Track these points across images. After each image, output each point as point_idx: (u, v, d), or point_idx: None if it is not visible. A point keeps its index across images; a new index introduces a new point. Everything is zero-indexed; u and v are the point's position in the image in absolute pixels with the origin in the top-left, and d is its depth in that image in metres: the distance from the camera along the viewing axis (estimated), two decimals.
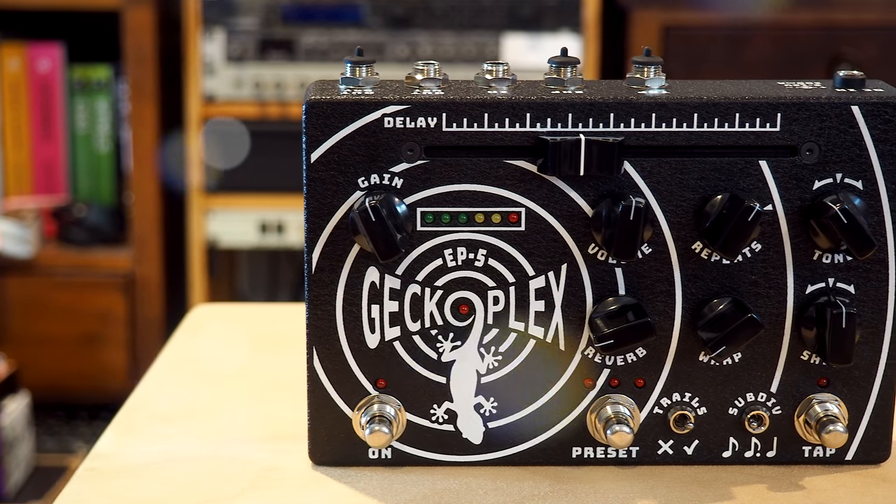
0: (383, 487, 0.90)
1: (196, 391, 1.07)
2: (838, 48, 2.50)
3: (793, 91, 0.91)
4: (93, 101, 2.61)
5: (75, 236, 2.58)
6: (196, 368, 1.13)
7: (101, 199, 2.64)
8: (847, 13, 2.49)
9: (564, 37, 2.51)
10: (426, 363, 0.92)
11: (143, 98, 2.53)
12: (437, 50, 2.52)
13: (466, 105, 0.89)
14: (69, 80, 2.61)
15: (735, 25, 2.50)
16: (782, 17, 2.49)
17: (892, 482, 0.92)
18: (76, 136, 2.62)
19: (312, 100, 0.89)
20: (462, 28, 2.53)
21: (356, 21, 2.53)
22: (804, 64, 2.50)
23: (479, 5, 2.53)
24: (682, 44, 2.52)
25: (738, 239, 0.89)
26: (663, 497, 0.90)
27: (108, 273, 2.59)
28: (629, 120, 0.89)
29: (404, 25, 2.53)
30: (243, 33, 2.52)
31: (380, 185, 0.90)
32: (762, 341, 0.92)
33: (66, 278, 2.58)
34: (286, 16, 2.54)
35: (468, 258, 0.91)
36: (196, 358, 1.16)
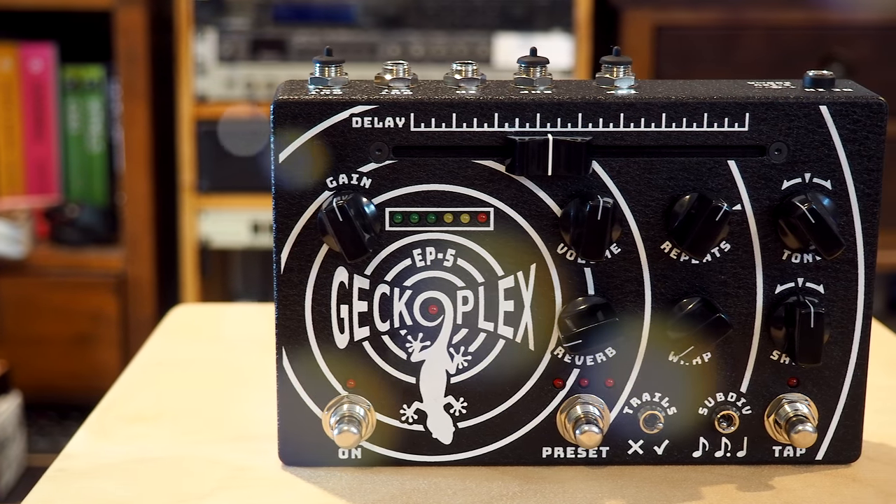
0: (352, 487, 0.90)
1: (170, 391, 1.07)
2: (830, 47, 2.50)
3: (762, 91, 0.91)
4: (85, 101, 2.62)
5: (68, 236, 2.58)
6: (171, 369, 1.13)
7: (93, 199, 2.64)
8: (838, 12, 2.49)
9: (556, 37, 2.51)
10: (395, 363, 0.92)
11: (135, 98, 2.53)
12: (428, 50, 2.52)
13: (434, 105, 0.89)
14: (61, 80, 2.61)
15: (727, 25, 2.50)
16: (774, 17, 2.49)
17: (862, 482, 0.92)
18: (68, 136, 2.63)
19: (280, 100, 0.89)
20: (454, 28, 2.53)
21: (348, 21, 2.53)
22: (796, 63, 2.50)
23: (471, 5, 2.52)
24: (674, 44, 2.52)
25: (707, 239, 0.89)
26: (632, 497, 0.89)
27: (101, 273, 2.59)
28: (597, 120, 0.89)
29: (396, 25, 2.52)
30: (235, 33, 2.52)
31: (348, 185, 0.90)
32: (732, 341, 0.92)
33: (59, 278, 2.58)
34: (278, 16, 2.53)
35: (437, 258, 0.91)
36: (172, 358, 1.16)
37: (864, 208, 0.90)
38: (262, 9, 2.53)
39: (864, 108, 0.89)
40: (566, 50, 2.51)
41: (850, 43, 2.49)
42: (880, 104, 0.90)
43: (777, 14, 2.49)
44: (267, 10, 2.53)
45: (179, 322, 1.26)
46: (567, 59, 2.51)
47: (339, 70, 0.91)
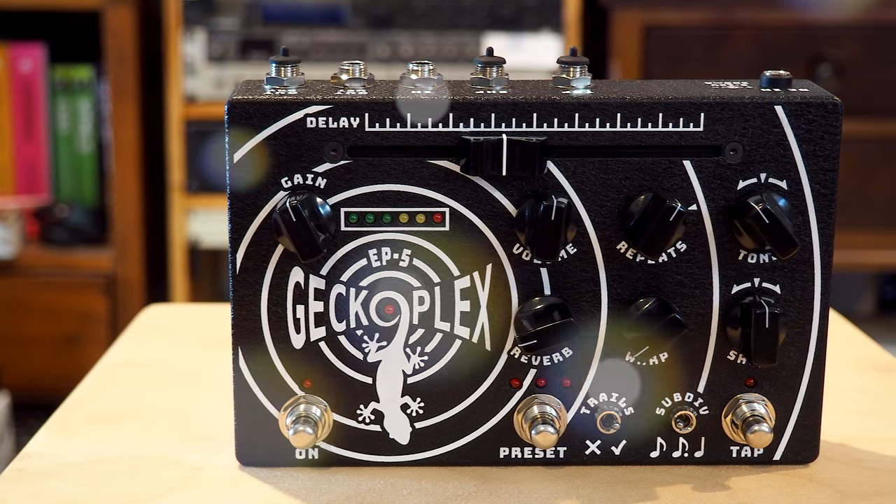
0: (307, 488, 0.90)
1: (135, 392, 1.07)
2: (819, 47, 2.49)
3: (718, 91, 0.91)
4: (75, 101, 2.62)
5: (57, 237, 2.59)
6: (138, 369, 1.13)
7: (83, 199, 2.65)
8: (827, 12, 2.49)
9: (545, 37, 2.51)
10: (352, 363, 0.92)
11: (124, 98, 2.53)
12: (418, 50, 2.52)
13: (389, 105, 0.89)
14: (51, 80, 2.61)
15: (716, 25, 2.50)
16: (763, 17, 2.49)
17: (819, 482, 0.92)
18: (58, 136, 2.63)
19: (234, 100, 0.89)
20: (443, 28, 2.53)
21: (337, 21, 2.53)
22: (784, 63, 2.50)
23: (460, 5, 2.52)
24: (662, 44, 2.52)
25: (661, 239, 0.89)
26: (587, 497, 0.89)
27: (90, 273, 2.59)
28: (552, 120, 0.89)
29: (385, 25, 2.53)
30: (224, 33, 2.52)
31: (303, 185, 0.90)
32: (689, 341, 0.92)
33: (48, 278, 2.58)
34: (267, 16, 2.54)
35: (393, 258, 0.91)
36: (140, 358, 1.16)
37: (820, 208, 0.90)
38: (252, 9, 2.53)
39: (820, 108, 0.89)
40: (555, 50, 2.50)
41: (838, 43, 2.49)
42: (835, 104, 0.89)
43: (766, 14, 2.49)
44: (256, 10, 2.53)
45: (151, 322, 1.26)
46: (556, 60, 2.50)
47: (296, 70, 0.91)
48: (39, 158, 2.63)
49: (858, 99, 2.51)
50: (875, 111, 2.52)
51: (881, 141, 2.54)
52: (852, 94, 2.50)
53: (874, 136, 2.53)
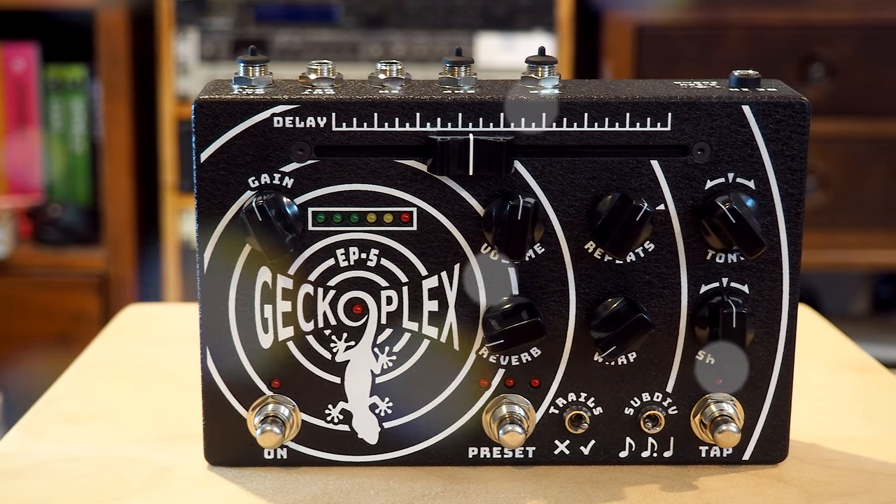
0: (275, 488, 0.90)
1: (108, 391, 1.07)
2: (811, 47, 2.49)
3: (686, 91, 0.91)
4: (68, 100, 2.62)
5: (50, 236, 2.59)
6: (113, 369, 1.13)
7: (76, 199, 2.64)
8: (820, 12, 2.48)
9: (538, 37, 2.51)
10: (320, 363, 0.92)
11: (117, 98, 2.53)
12: (410, 50, 2.52)
13: (356, 105, 0.89)
14: (44, 80, 2.61)
15: (708, 25, 2.49)
16: (755, 17, 2.48)
17: (787, 482, 0.92)
18: (51, 135, 2.63)
19: (201, 99, 0.89)
20: (435, 28, 2.53)
21: (330, 21, 2.53)
22: (777, 63, 2.50)
23: (453, 5, 2.52)
24: (655, 44, 2.52)
25: (627, 239, 0.89)
26: (554, 497, 0.89)
27: (83, 273, 2.59)
28: (519, 119, 0.89)
29: (378, 25, 2.52)
30: (216, 33, 2.52)
31: (270, 184, 0.90)
32: (657, 341, 0.92)
33: (41, 278, 2.58)
34: (259, 16, 2.53)
35: (360, 258, 0.91)
36: (115, 358, 1.16)
37: (787, 208, 0.90)
38: (244, 9, 2.53)
39: (787, 108, 0.89)
40: (548, 50, 2.50)
41: (831, 43, 2.49)
42: (802, 104, 0.89)
43: (758, 14, 2.49)
44: (249, 9, 2.53)
45: (128, 321, 1.26)
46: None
47: (263, 69, 0.91)
48: (32, 158, 2.63)
49: (851, 99, 2.51)
50: (868, 111, 2.51)
51: (874, 141, 2.53)
52: (845, 94, 2.50)
53: (867, 135, 2.52)
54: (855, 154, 2.53)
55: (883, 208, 2.55)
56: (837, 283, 2.92)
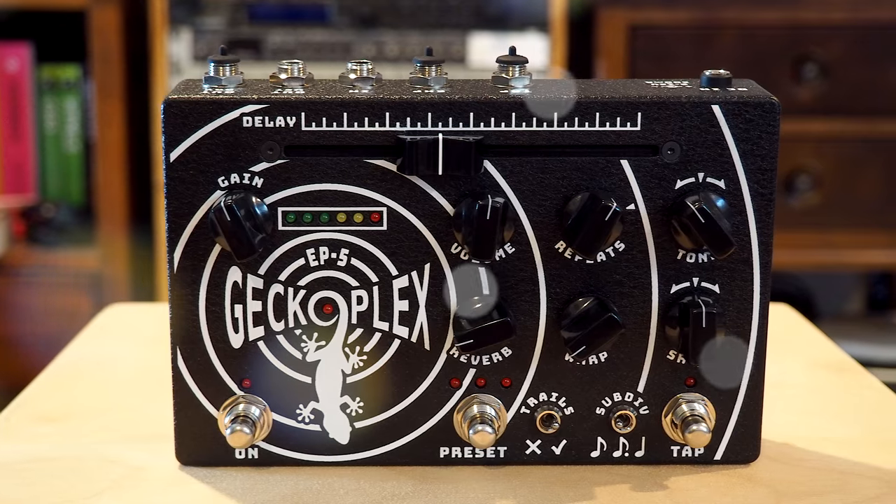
0: (245, 488, 0.90)
1: (83, 391, 1.07)
2: (805, 47, 2.49)
3: (656, 90, 0.91)
4: (61, 100, 2.62)
5: (43, 236, 2.59)
6: (90, 368, 1.13)
7: (70, 199, 2.65)
8: (814, 12, 2.48)
9: (531, 36, 2.50)
10: (291, 363, 0.92)
11: (110, 98, 2.53)
12: (403, 49, 2.52)
13: (325, 104, 0.89)
14: (38, 79, 2.61)
15: (702, 24, 2.49)
16: (749, 16, 2.48)
17: (758, 482, 0.91)
18: (45, 135, 2.63)
19: (170, 99, 0.89)
20: (429, 28, 2.53)
21: (323, 21, 2.53)
22: (771, 63, 2.49)
23: (446, 5, 2.52)
24: (648, 43, 2.52)
25: (596, 238, 0.88)
26: (523, 497, 0.89)
27: (76, 273, 2.59)
28: (489, 119, 0.89)
29: (371, 25, 2.52)
30: (210, 33, 2.52)
31: (240, 184, 0.90)
32: (628, 341, 0.92)
33: (34, 278, 2.58)
34: (253, 15, 2.54)
35: (331, 258, 0.91)
36: (92, 358, 1.16)
37: (758, 207, 0.90)
38: (237, 8, 2.53)
39: (757, 108, 0.89)
40: (541, 49, 2.50)
41: (825, 42, 2.49)
42: (773, 104, 0.89)
43: (752, 14, 2.49)
44: (242, 9, 2.53)
45: (109, 321, 1.26)
46: (542, 59, 2.50)
47: (234, 69, 0.91)
48: (26, 158, 2.64)
49: (845, 98, 2.51)
50: (861, 110, 2.51)
51: (868, 140, 2.53)
52: (838, 94, 2.50)
53: (860, 135, 2.52)
54: (849, 154, 2.53)
55: (877, 208, 2.54)
56: (832, 282, 2.92)
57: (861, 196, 2.54)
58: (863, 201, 2.55)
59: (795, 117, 2.51)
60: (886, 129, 2.52)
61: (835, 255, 2.56)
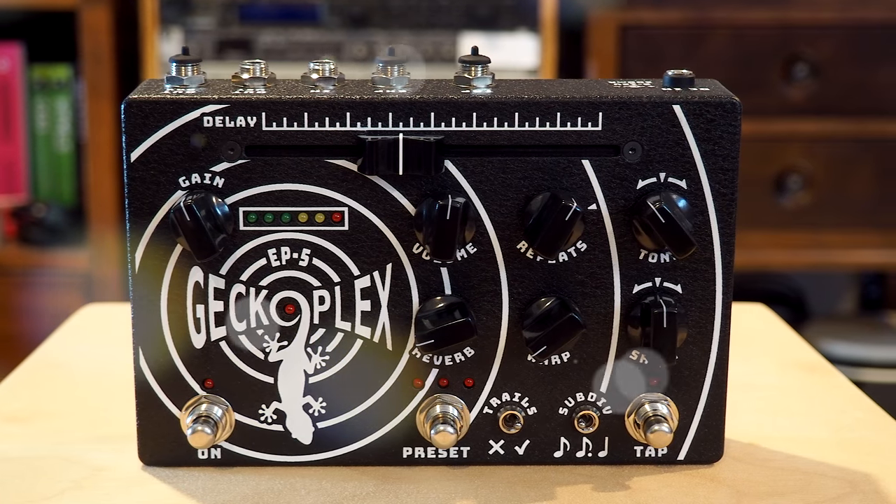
0: (206, 488, 0.90)
1: (53, 391, 1.07)
2: (796, 47, 2.49)
3: (618, 90, 0.91)
4: (53, 100, 2.62)
5: (35, 236, 2.59)
6: (62, 368, 1.13)
7: (61, 199, 2.65)
8: (804, 12, 2.48)
9: (521, 36, 2.50)
10: (253, 363, 0.92)
11: (101, 98, 2.53)
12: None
13: (285, 104, 0.89)
14: (29, 79, 2.61)
15: (693, 24, 2.49)
16: (740, 16, 2.48)
17: (720, 482, 0.91)
18: (36, 135, 2.63)
19: (130, 99, 0.89)
20: (419, 28, 2.53)
21: (313, 21, 2.53)
22: (761, 62, 2.49)
23: (437, 5, 2.52)
24: (639, 43, 2.52)
25: (556, 238, 0.88)
26: (484, 497, 0.89)
27: (67, 273, 2.59)
28: (450, 119, 0.89)
29: (362, 25, 2.52)
30: (200, 33, 2.53)
31: (201, 184, 0.90)
32: (590, 341, 0.92)
33: (26, 278, 2.59)
34: (243, 15, 2.54)
35: (292, 258, 0.91)
36: (64, 358, 1.16)
37: (720, 207, 0.90)
38: (228, 8, 2.53)
39: (718, 108, 0.89)
40: (532, 50, 2.50)
41: (815, 42, 2.48)
42: (734, 103, 0.89)
43: (742, 14, 2.48)
44: (232, 9, 2.53)
45: (83, 321, 1.26)
46: (532, 59, 2.50)
47: (196, 69, 0.91)
48: (18, 158, 2.64)
49: (835, 98, 2.50)
50: (852, 110, 2.51)
51: (859, 140, 2.53)
52: (829, 94, 2.50)
53: (851, 135, 2.52)
54: (840, 153, 2.53)
55: (868, 208, 2.54)
56: (824, 282, 2.91)
57: (852, 196, 2.54)
58: (854, 201, 2.54)
59: (786, 117, 2.50)
60: (877, 128, 2.51)
61: (826, 254, 2.56)
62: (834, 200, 2.54)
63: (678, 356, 0.92)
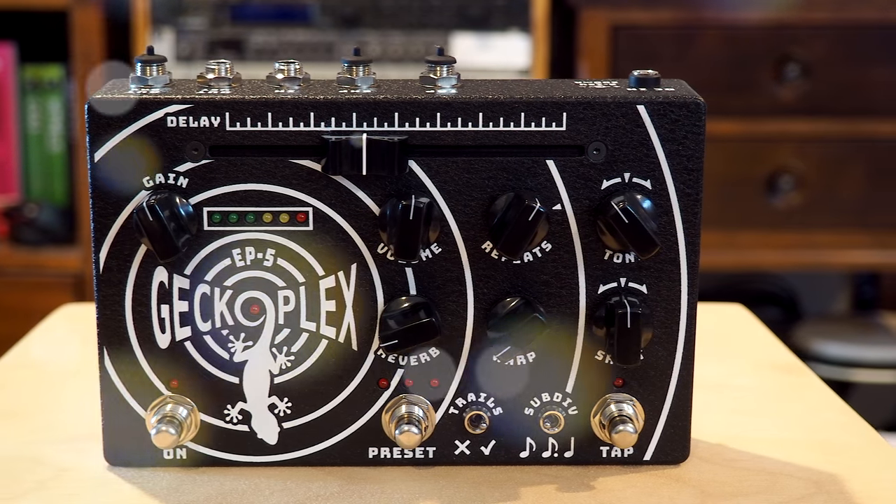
0: (171, 488, 0.90)
1: (22, 392, 1.07)
2: (787, 47, 2.48)
3: (583, 91, 0.91)
4: (45, 100, 2.62)
5: (27, 236, 2.59)
6: (35, 368, 1.13)
7: (53, 199, 2.65)
8: (796, 12, 2.48)
9: (513, 36, 2.50)
10: (218, 363, 0.92)
11: None
12: (385, 49, 2.52)
13: (249, 104, 0.89)
14: (21, 79, 2.61)
15: (684, 24, 2.49)
16: (731, 16, 2.48)
17: (686, 482, 0.91)
18: (28, 135, 2.63)
19: (94, 99, 0.89)
20: (411, 28, 2.53)
21: (305, 21, 2.53)
22: (753, 62, 2.49)
23: (428, 5, 2.52)
24: (631, 43, 2.51)
25: (520, 238, 0.88)
26: (448, 497, 0.89)
27: (59, 273, 2.59)
28: (414, 119, 0.89)
29: (353, 25, 2.52)
30: (192, 33, 2.53)
31: (165, 184, 0.89)
32: (556, 341, 0.92)
33: (17, 278, 2.59)
34: (235, 15, 2.54)
35: (257, 258, 0.91)
36: (40, 358, 1.16)
37: (684, 208, 0.90)
38: (220, 9, 2.53)
39: (682, 108, 0.89)
40: (523, 50, 2.50)
41: (806, 42, 2.48)
42: (698, 104, 0.89)
43: (734, 14, 2.48)
44: (224, 9, 2.53)
45: (60, 321, 1.26)
46: (524, 59, 2.50)
47: (161, 69, 0.91)
48: (10, 158, 2.64)
49: (827, 98, 2.50)
50: (843, 110, 2.51)
51: (851, 140, 2.53)
52: (821, 94, 2.50)
53: (843, 135, 2.52)
54: (831, 153, 2.53)
55: (860, 208, 2.54)
56: (817, 283, 2.91)
57: (844, 196, 2.54)
58: (846, 201, 2.54)
59: (778, 117, 2.50)
60: (869, 128, 2.51)
61: (818, 255, 2.56)
62: (825, 201, 2.54)
63: (644, 356, 0.92)
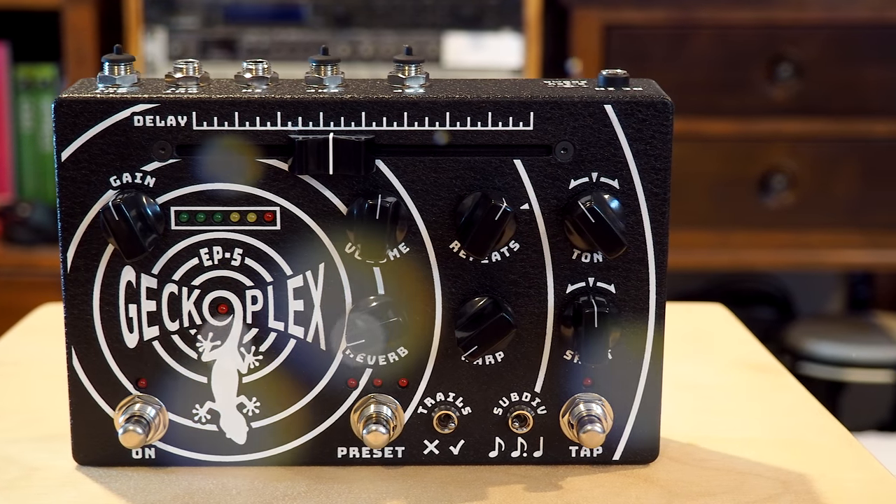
0: (138, 488, 0.90)
1: (2, 391, 1.07)
2: (780, 46, 2.48)
3: (550, 90, 0.90)
4: (38, 100, 2.62)
5: (20, 236, 2.59)
6: (9, 367, 1.13)
7: (46, 198, 2.65)
8: (789, 12, 2.48)
9: (506, 36, 2.50)
10: (186, 363, 0.92)
11: None
12: (378, 49, 2.52)
13: (216, 104, 0.89)
14: (14, 79, 2.61)
15: (676, 24, 2.49)
16: (724, 16, 2.48)
17: (654, 482, 0.91)
18: (21, 135, 2.63)
19: (60, 98, 0.89)
20: (403, 27, 2.53)
21: (298, 20, 2.53)
22: (746, 62, 2.49)
23: (421, 5, 2.52)
24: (623, 42, 2.51)
25: (487, 238, 0.88)
26: (415, 497, 0.89)
27: (52, 272, 2.59)
28: (381, 119, 0.89)
29: (346, 25, 2.52)
30: (185, 33, 2.53)
31: (132, 184, 0.89)
32: (524, 341, 0.92)
33: (10, 278, 2.59)
34: (228, 15, 2.54)
35: (224, 257, 0.91)
36: (15, 357, 1.16)
37: (652, 207, 0.90)
38: (212, 8, 2.53)
39: (650, 108, 0.89)
40: (516, 49, 2.50)
41: (799, 42, 2.48)
42: (665, 103, 0.89)
43: (727, 13, 2.48)
44: (216, 9, 2.53)
45: (38, 321, 1.26)
46: (517, 59, 2.50)
47: (129, 68, 0.91)
48: (3, 157, 2.64)
49: (819, 98, 2.50)
50: (836, 110, 2.51)
51: (843, 140, 2.53)
52: (813, 93, 2.50)
53: (836, 135, 2.51)
54: (824, 153, 2.52)
55: (853, 208, 2.54)
56: (811, 282, 2.91)
57: (837, 195, 2.53)
58: (839, 201, 2.54)
59: (770, 117, 2.50)
60: (861, 128, 2.51)
61: (811, 254, 2.56)
62: (819, 200, 2.54)
63: (612, 356, 0.91)
